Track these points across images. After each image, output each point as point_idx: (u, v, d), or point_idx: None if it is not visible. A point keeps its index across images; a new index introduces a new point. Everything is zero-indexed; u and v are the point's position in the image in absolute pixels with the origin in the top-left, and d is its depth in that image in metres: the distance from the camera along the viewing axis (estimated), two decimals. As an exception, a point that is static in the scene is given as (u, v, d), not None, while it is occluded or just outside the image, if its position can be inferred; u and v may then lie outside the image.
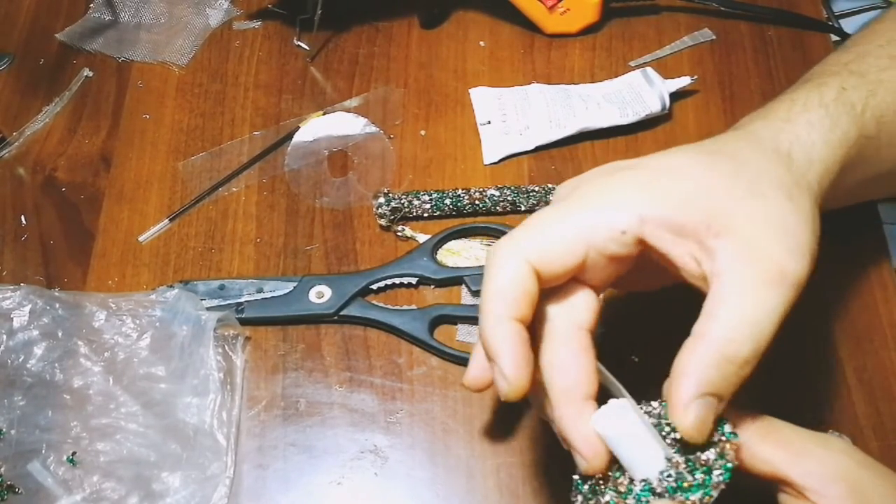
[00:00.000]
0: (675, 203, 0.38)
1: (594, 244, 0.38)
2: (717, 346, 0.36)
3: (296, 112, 0.68)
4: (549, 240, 0.39)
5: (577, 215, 0.39)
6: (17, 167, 0.66)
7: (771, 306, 0.36)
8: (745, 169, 0.40)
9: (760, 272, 0.37)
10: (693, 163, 0.40)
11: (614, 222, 0.38)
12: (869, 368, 0.55)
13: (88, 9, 0.74)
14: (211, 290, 0.59)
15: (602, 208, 0.39)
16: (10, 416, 0.54)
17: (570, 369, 0.38)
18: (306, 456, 0.54)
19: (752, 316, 0.36)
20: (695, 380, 0.36)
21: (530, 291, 0.38)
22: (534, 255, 0.38)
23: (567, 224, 0.39)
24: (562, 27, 0.69)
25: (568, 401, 0.38)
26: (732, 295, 0.37)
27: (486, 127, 0.65)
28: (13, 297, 0.57)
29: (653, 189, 0.39)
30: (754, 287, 0.36)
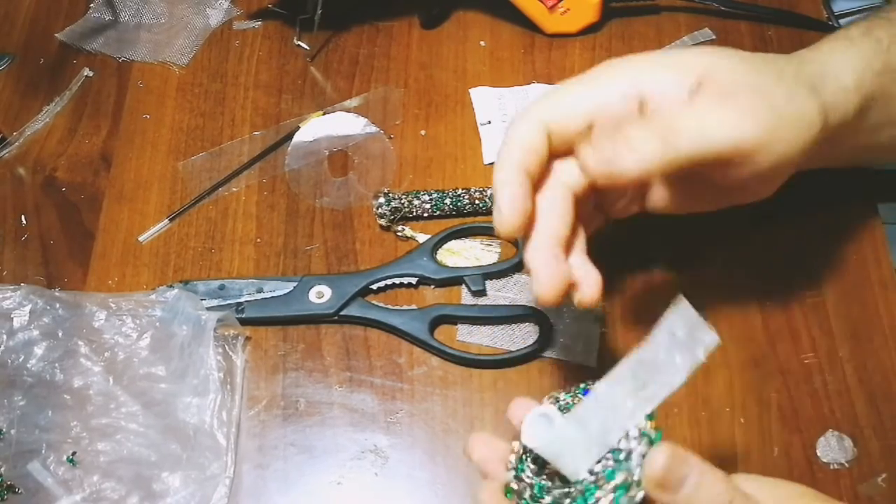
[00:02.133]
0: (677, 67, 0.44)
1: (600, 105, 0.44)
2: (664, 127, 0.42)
3: (296, 112, 0.68)
4: (561, 102, 0.44)
5: (586, 81, 0.45)
6: (18, 167, 0.66)
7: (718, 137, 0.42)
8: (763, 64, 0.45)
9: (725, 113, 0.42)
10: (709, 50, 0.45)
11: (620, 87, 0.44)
12: (869, 368, 0.55)
13: (88, 9, 0.74)
14: (211, 290, 0.59)
15: (611, 76, 0.45)
16: (10, 416, 0.54)
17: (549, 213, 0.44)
18: (306, 456, 0.54)
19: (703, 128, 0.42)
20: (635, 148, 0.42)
21: (539, 148, 0.43)
22: (546, 115, 0.44)
23: (576, 87, 0.45)
24: (562, 27, 0.69)
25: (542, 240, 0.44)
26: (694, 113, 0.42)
27: (487, 127, 0.65)
28: (13, 297, 0.57)
29: (659, 59, 0.45)
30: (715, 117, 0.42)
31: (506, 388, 0.56)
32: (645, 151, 0.41)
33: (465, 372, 0.57)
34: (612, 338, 0.57)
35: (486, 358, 0.57)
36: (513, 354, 0.56)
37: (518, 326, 0.57)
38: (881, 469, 0.52)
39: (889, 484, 0.52)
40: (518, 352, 0.56)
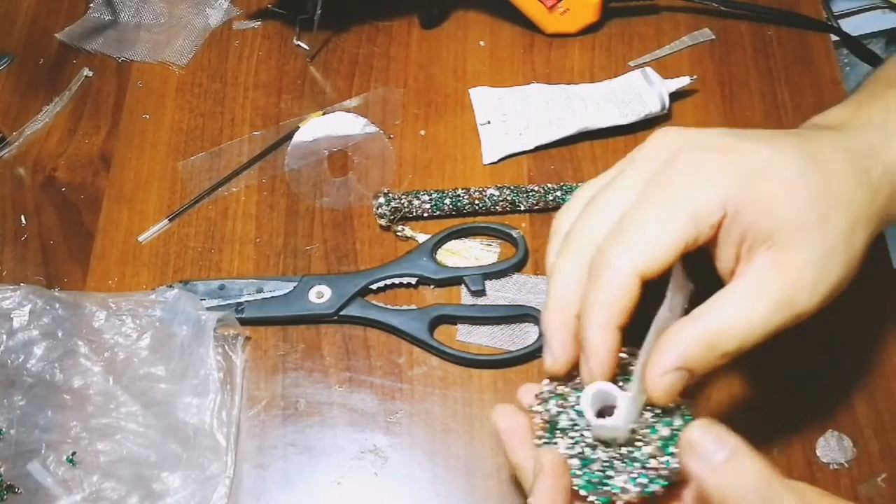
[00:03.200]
0: (755, 207, 0.41)
1: (689, 242, 0.41)
2: (707, 332, 0.40)
3: (296, 112, 0.68)
4: (657, 248, 0.40)
5: (678, 213, 0.41)
6: (17, 167, 0.66)
7: (769, 323, 0.40)
8: (830, 189, 0.41)
9: (777, 293, 0.40)
10: (786, 164, 0.42)
11: (711, 216, 0.41)
12: (869, 368, 0.55)
13: (88, 9, 0.74)
14: (211, 290, 0.59)
15: (699, 200, 0.41)
16: (10, 416, 0.54)
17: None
18: (306, 456, 0.54)
19: (749, 323, 0.40)
20: (677, 355, 0.39)
21: (636, 301, 0.41)
22: (644, 266, 0.40)
23: (671, 226, 0.41)
24: (562, 27, 0.69)
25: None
26: (742, 299, 0.40)
27: (486, 127, 0.65)
28: (13, 297, 0.57)
29: (747, 185, 0.41)
30: (764, 302, 0.40)
31: (506, 388, 0.56)
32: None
33: (465, 372, 0.57)
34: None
35: (486, 358, 0.57)
36: (512, 354, 0.56)
37: (518, 326, 0.58)
38: (881, 469, 0.52)
39: (889, 484, 0.52)
40: (518, 352, 0.56)
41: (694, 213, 0.41)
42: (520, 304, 0.58)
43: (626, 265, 0.40)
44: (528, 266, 0.60)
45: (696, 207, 0.41)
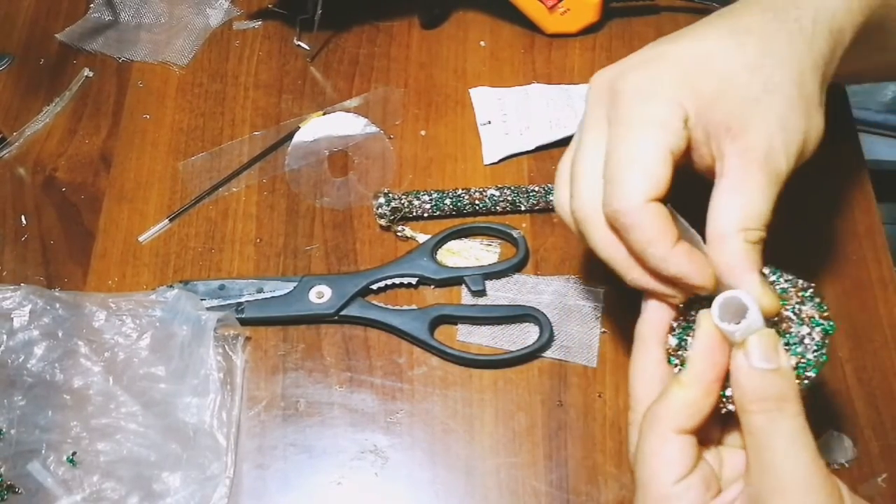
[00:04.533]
0: (707, 102, 0.42)
1: (672, 151, 0.42)
2: (743, 236, 0.41)
3: (296, 112, 0.68)
4: (649, 168, 0.41)
5: (647, 130, 0.42)
6: (18, 167, 0.66)
7: (770, 198, 0.41)
8: (766, 55, 0.43)
9: (760, 174, 0.41)
10: (721, 50, 0.43)
11: (675, 117, 0.42)
12: (869, 368, 0.55)
13: (88, 9, 0.74)
14: (211, 290, 0.59)
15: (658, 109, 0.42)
16: (10, 416, 0.54)
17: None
18: (306, 456, 0.54)
19: (758, 209, 0.41)
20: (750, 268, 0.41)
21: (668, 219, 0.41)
22: (649, 190, 0.41)
23: (649, 144, 0.41)
24: (562, 27, 0.69)
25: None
26: (739, 195, 0.41)
27: (487, 127, 0.65)
28: (13, 297, 0.57)
29: (690, 85, 0.42)
30: (755, 187, 0.41)
31: (506, 388, 0.56)
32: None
33: (465, 372, 0.57)
34: (612, 338, 0.57)
35: (486, 358, 0.57)
36: (513, 354, 0.56)
37: (518, 326, 0.57)
38: (881, 469, 0.52)
39: (889, 484, 0.52)
40: (518, 352, 0.56)
41: (660, 122, 0.42)
42: (520, 305, 0.58)
43: (635, 201, 0.41)
44: (528, 266, 0.60)
45: (660, 116, 0.42)
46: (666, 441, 0.39)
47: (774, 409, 0.38)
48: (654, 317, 0.44)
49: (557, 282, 0.59)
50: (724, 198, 0.42)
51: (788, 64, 0.43)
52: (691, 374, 0.40)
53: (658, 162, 0.41)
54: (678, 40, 0.45)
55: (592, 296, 0.58)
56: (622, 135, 0.42)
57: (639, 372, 0.44)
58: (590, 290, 0.58)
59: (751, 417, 0.38)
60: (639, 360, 0.44)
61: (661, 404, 0.40)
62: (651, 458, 0.40)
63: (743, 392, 0.39)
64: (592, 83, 0.46)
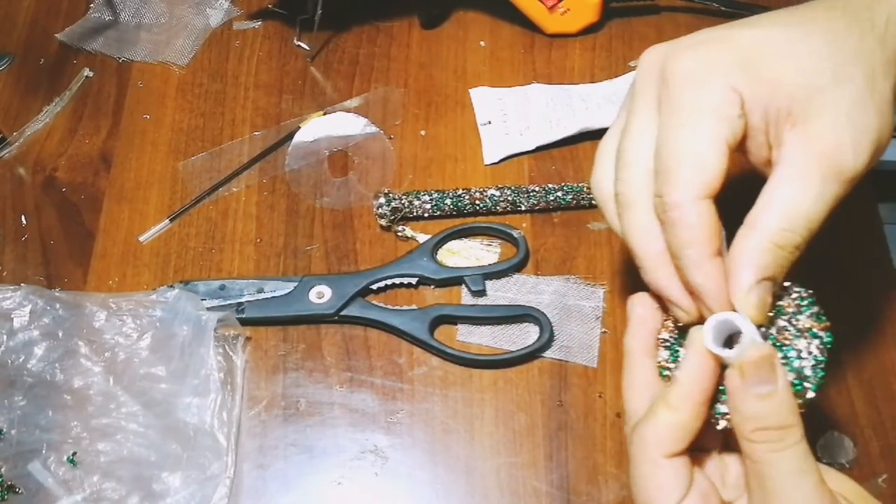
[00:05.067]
0: (769, 85, 0.39)
1: (729, 142, 0.39)
2: (770, 235, 0.38)
3: (296, 112, 0.68)
4: (704, 163, 0.38)
5: (702, 120, 0.39)
6: (18, 167, 0.66)
7: (824, 199, 0.38)
8: (835, 47, 0.40)
9: (820, 167, 0.38)
10: (784, 38, 0.40)
11: (731, 105, 0.39)
12: (869, 368, 0.55)
13: (88, 9, 0.74)
14: (211, 290, 0.59)
15: (713, 96, 0.39)
16: (10, 416, 0.54)
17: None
18: (306, 456, 0.55)
19: (805, 207, 0.38)
20: (752, 268, 0.38)
21: (717, 220, 0.39)
22: (703, 186, 0.38)
23: (704, 136, 0.39)
24: (562, 27, 0.69)
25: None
26: (789, 186, 0.38)
27: (487, 127, 0.65)
28: (13, 297, 0.57)
29: (749, 67, 0.39)
30: (811, 181, 0.38)
31: (506, 388, 0.56)
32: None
33: (465, 372, 0.57)
34: (613, 338, 0.57)
35: (486, 358, 0.57)
36: (513, 354, 0.56)
37: (518, 326, 0.58)
38: (881, 469, 0.52)
39: (889, 484, 0.52)
40: (518, 352, 0.56)
41: (715, 111, 0.39)
42: (520, 304, 0.58)
43: (688, 196, 0.38)
44: (528, 266, 0.60)
45: (714, 104, 0.39)
46: (657, 467, 0.38)
47: (776, 438, 0.36)
48: (641, 331, 0.43)
49: (557, 282, 0.59)
50: (771, 188, 0.39)
51: (860, 58, 0.40)
52: (679, 396, 0.38)
53: (714, 155, 0.38)
54: (735, 25, 0.41)
55: (592, 296, 0.58)
56: (675, 123, 0.40)
57: (631, 386, 0.42)
58: (590, 290, 0.58)
59: (752, 446, 0.37)
60: (630, 373, 0.42)
61: (647, 427, 0.39)
62: (644, 484, 0.39)
63: (742, 419, 0.37)
64: (642, 61, 0.42)
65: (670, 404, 0.38)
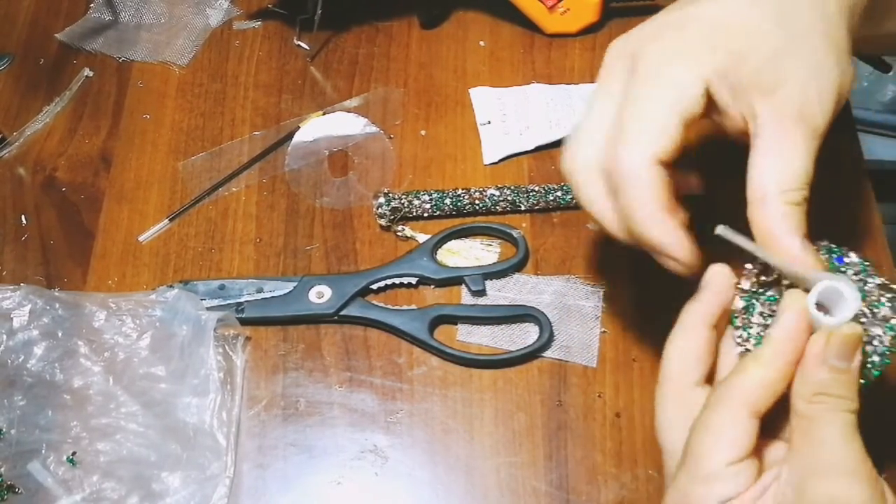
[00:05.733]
0: (733, 62, 0.41)
1: (685, 115, 0.41)
2: (782, 198, 0.40)
3: (296, 112, 0.68)
4: (664, 133, 0.41)
5: (663, 93, 0.41)
6: (18, 167, 0.66)
7: (809, 153, 0.41)
8: (792, 11, 0.42)
9: (797, 128, 0.41)
10: (739, 11, 0.42)
11: (694, 87, 0.41)
12: (869, 368, 0.55)
13: (88, 9, 0.74)
14: (211, 289, 0.59)
15: (682, 79, 0.41)
16: (10, 416, 0.54)
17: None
18: (306, 456, 0.54)
19: (797, 165, 0.41)
20: (790, 232, 0.40)
21: (663, 181, 0.41)
22: (655, 150, 0.41)
23: (666, 109, 0.41)
24: (562, 27, 0.69)
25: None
26: (776, 153, 0.41)
27: (486, 127, 0.65)
28: (13, 297, 0.57)
29: (714, 47, 0.41)
30: (794, 143, 0.41)
31: (506, 388, 0.56)
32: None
33: (465, 372, 0.57)
34: (613, 338, 0.57)
35: (486, 358, 0.57)
36: (513, 354, 0.56)
37: (518, 326, 0.57)
38: (881, 469, 0.52)
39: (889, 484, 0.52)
40: (518, 352, 0.56)
41: (677, 85, 0.41)
42: (520, 304, 0.58)
43: (638, 159, 0.41)
44: (528, 266, 0.60)
45: (677, 79, 0.41)
46: (736, 420, 0.38)
47: (832, 404, 0.38)
48: (706, 309, 0.43)
49: (557, 282, 0.59)
50: (759, 160, 0.41)
51: (812, 9, 0.42)
52: (772, 354, 0.39)
53: (668, 125, 0.41)
54: (697, 3, 0.43)
55: (592, 296, 0.58)
56: (636, 94, 0.42)
57: (677, 350, 0.42)
58: (590, 290, 0.58)
59: (808, 405, 0.38)
60: (679, 339, 0.42)
61: (736, 380, 0.39)
62: (714, 432, 0.38)
63: (807, 380, 0.38)
64: (610, 50, 0.45)
65: (762, 362, 0.39)
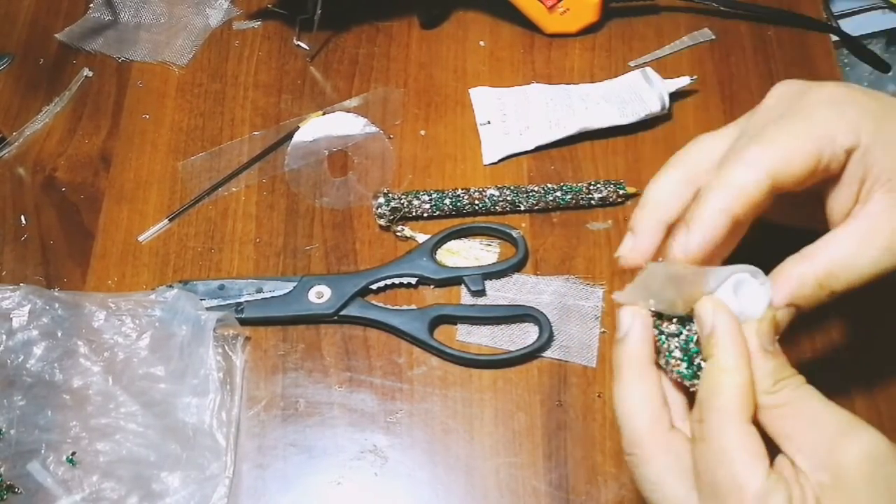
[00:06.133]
0: (883, 145, 0.40)
1: (824, 159, 0.40)
2: (818, 270, 0.40)
3: (296, 112, 0.68)
4: (792, 153, 0.40)
5: (812, 127, 0.41)
6: (17, 167, 0.66)
7: (878, 266, 0.40)
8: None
9: (888, 237, 0.40)
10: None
11: (843, 139, 0.40)
12: (868, 369, 0.55)
13: (88, 9, 0.74)
14: (211, 290, 0.59)
15: (832, 123, 0.41)
16: (9, 416, 0.54)
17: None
18: (306, 456, 0.54)
19: (859, 264, 0.40)
20: (790, 290, 0.40)
21: (761, 204, 0.40)
22: (778, 169, 0.40)
23: (805, 138, 0.40)
24: (562, 27, 0.69)
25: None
26: (854, 238, 0.40)
27: (486, 127, 0.65)
28: (13, 297, 0.57)
29: (874, 121, 0.41)
30: (875, 244, 0.40)
31: (505, 388, 0.56)
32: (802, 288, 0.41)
33: (465, 372, 0.57)
34: (612, 338, 0.57)
35: (486, 358, 0.57)
36: (512, 354, 0.56)
37: (518, 326, 0.57)
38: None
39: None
40: (518, 352, 0.56)
41: (826, 132, 0.40)
42: (520, 304, 0.58)
43: (761, 162, 0.40)
44: (528, 266, 0.60)
45: (833, 128, 0.40)
46: (744, 433, 0.37)
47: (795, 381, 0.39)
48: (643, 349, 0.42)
49: (557, 282, 0.59)
50: (838, 233, 0.41)
51: None
52: (735, 357, 0.38)
53: (800, 157, 0.40)
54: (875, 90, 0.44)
55: (592, 296, 0.58)
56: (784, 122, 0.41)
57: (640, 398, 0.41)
58: (589, 289, 0.58)
59: (776, 395, 0.38)
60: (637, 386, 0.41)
61: (720, 400, 0.37)
62: (734, 458, 0.36)
63: (763, 374, 0.39)
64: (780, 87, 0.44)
65: (726, 369, 0.38)
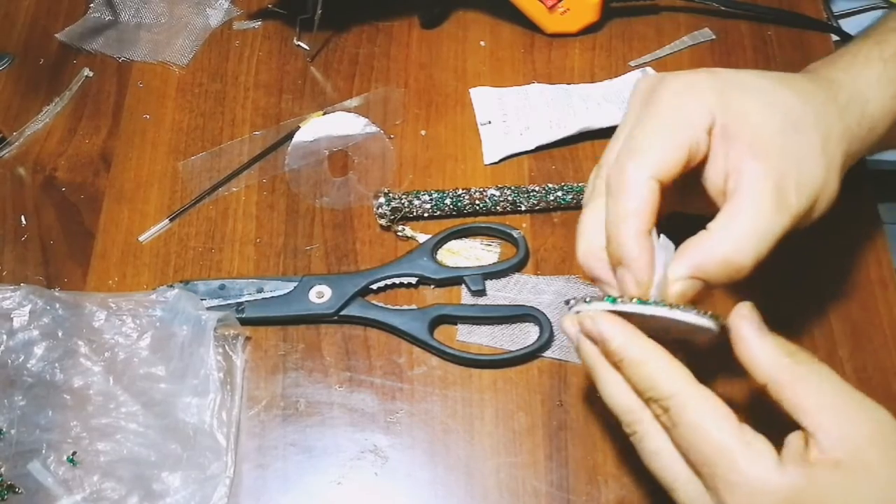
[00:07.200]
0: (736, 116, 0.43)
1: (691, 143, 0.43)
2: (723, 248, 0.42)
3: (296, 112, 0.68)
4: (666, 153, 0.43)
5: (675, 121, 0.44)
6: (17, 167, 0.66)
7: (775, 229, 0.42)
8: (800, 101, 0.45)
9: (774, 200, 0.42)
10: (759, 83, 0.45)
11: (703, 120, 0.43)
12: (869, 368, 0.55)
13: (88, 9, 0.74)
14: (211, 289, 0.59)
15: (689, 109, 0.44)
16: (10, 416, 0.54)
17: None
18: (306, 456, 0.54)
19: (760, 233, 0.42)
20: (691, 265, 0.42)
21: (657, 204, 0.43)
22: (657, 169, 0.42)
23: (672, 132, 0.43)
24: (562, 27, 0.69)
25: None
26: (749, 211, 0.42)
27: (487, 127, 0.65)
28: (13, 297, 0.57)
29: (727, 99, 0.44)
30: (766, 210, 0.42)
31: (505, 388, 0.56)
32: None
33: (465, 372, 0.57)
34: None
35: (486, 358, 0.57)
36: (512, 354, 0.56)
37: (518, 326, 0.58)
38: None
39: (889, 484, 0.52)
40: (518, 352, 0.56)
41: (687, 119, 0.43)
42: (520, 304, 0.58)
43: (642, 171, 0.42)
44: (528, 266, 0.60)
45: (689, 114, 0.43)
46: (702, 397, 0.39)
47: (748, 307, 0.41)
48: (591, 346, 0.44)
49: (557, 282, 0.59)
50: (729, 211, 0.42)
51: (819, 118, 0.45)
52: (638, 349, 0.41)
53: (674, 148, 0.43)
54: (726, 69, 0.46)
55: (592, 296, 0.58)
56: (649, 115, 0.44)
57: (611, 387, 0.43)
58: (590, 290, 0.58)
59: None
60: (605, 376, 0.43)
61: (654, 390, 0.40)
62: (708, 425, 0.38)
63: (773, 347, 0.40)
64: (636, 86, 0.47)
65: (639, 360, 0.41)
